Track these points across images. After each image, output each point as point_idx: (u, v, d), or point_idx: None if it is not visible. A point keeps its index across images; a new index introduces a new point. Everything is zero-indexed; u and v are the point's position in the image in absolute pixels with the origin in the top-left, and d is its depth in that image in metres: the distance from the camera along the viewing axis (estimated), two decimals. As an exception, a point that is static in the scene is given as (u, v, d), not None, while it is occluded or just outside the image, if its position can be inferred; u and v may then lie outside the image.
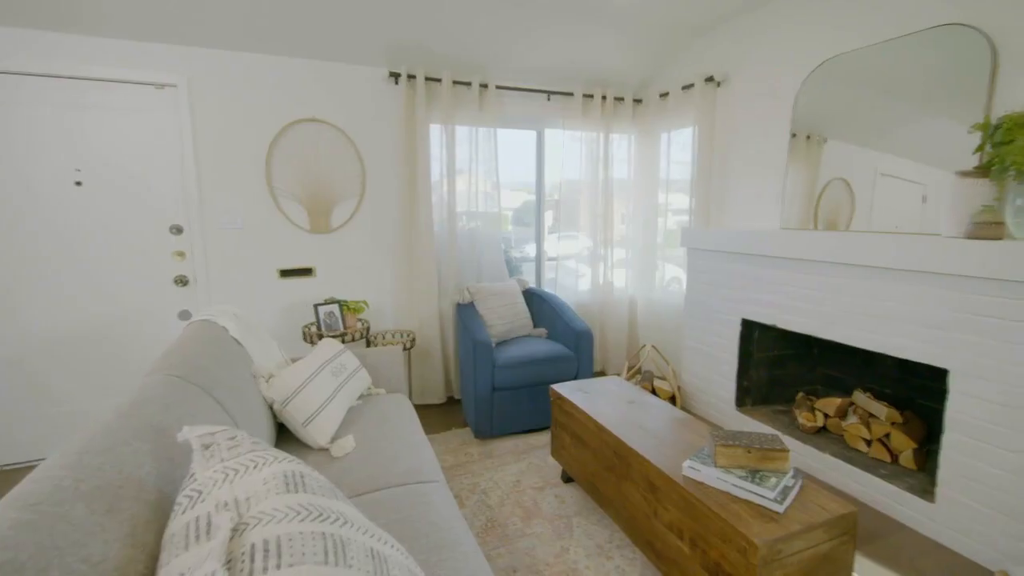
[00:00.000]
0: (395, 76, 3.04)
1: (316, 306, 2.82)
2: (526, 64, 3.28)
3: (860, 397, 2.40)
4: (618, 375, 3.64)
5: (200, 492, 0.83)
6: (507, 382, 2.67)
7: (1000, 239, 1.77)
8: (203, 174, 2.76)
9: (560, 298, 3.25)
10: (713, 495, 1.43)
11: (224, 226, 2.84)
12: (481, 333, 2.71)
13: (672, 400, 3.08)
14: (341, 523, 0.86)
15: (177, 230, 2.75)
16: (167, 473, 0.98)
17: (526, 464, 2.44)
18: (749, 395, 2.80)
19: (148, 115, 2.64)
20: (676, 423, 1.91)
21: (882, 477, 2.09)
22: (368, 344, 2.97)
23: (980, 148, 1.87)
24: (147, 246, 2.71)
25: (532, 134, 3.71)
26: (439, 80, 3.09)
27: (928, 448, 2.17)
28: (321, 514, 0.86)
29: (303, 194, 2.97)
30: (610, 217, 3.70)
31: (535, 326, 3.24)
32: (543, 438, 2.72)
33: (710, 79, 3.13)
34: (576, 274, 3.85)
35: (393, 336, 3.07)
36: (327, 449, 1.76)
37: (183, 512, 0.81)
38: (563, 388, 2.28)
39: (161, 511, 0.89)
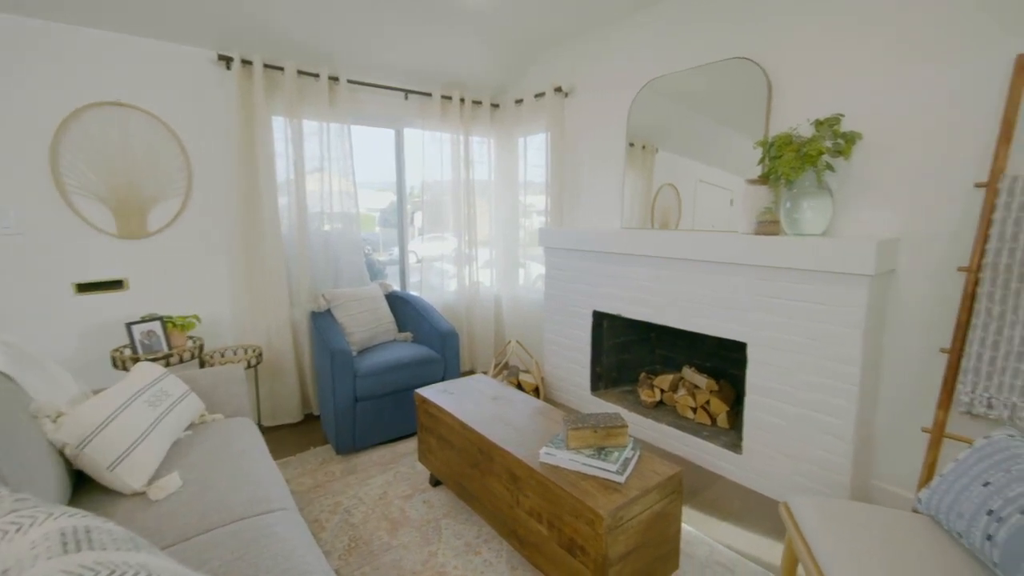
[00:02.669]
0: (226, 60, 2.70)
1: (129, 325, 2.38)
2: (382, 60, 3.17)
3: (687, 372, 2.78)
4: (485, 373, 3.71)
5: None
6: (370, 391, 2.55)
7: (777, 235, 2.19)
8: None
9: (425, 300, 3.21)
10: (566, 476, 1.52)
11: (-15, 230, 2.24)
12: (339, 342, 2.55)
13: (536, 392, 3.23)
14: (138, 579, 0.72)
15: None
16: None
17: (393, 474, 2.35)
18: (602, 380, 3.07)
19: None
20: (537, 414, 2.01)
21: (704, 438, 2.45)
22: (202, 365, 2.59)
23: (761, 160, 2.28)
24: None
25: (391, 133, 3.60)
26: (281, 69, 2.83)
27: (737, 409, 2.59)
28: (113, 572, 0.72)
29: (107, 192, 2.49)
30: (474, 218, 3.76)
31: (400, 330, 3.15)
32: (411, 444, 2.65)
33: (559, 89, 3.35)
34: (444, 275, 3.84)
35: (235, 353, 2.72)
36: (144, 493, 1.49)
37: None
38: (428, 391, 2.24)
39: None
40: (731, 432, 2.50)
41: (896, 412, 2.02)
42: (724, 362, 2.78)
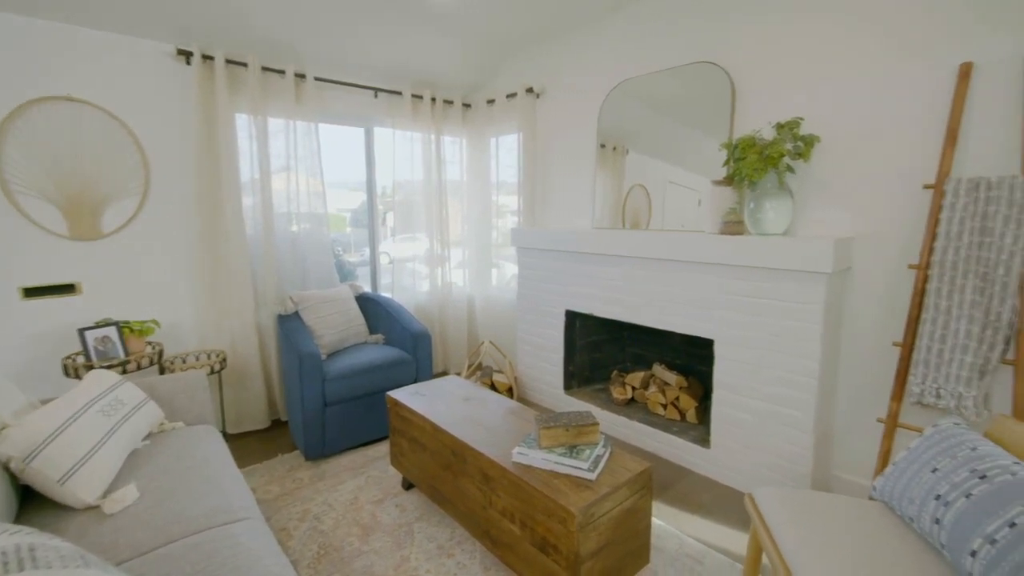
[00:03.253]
0: (186, 55, 2.61)
1: (82, 331, 2.27)
2: (350, 58, 3.11)
3: (658, 369, 2.83)
4: (459, 374, 3.69)
5: None
6: (340, 395, 2.50)
7: (741, 234, 2.25)
8: None
9: (396, 301, 3.17)
10: (538, 475, 1.53)
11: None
12: (308, 345, 2.49)
13: (510, 392, 3.24)
14: (84, 598, 0.69)
15: None
16: None
17: (364, 479, 2.31)
18: (575, 378, 3.10)
19: None
20: (510, 414, 2.01)
21: (674, 433, 2.50)
22: (162, 371, 2.49)
23: (726, 162, 2.34)
24: None
25: (360, 131, 3.54)
26: (244, 64, 2.74)
27: (706, 405, 2.65)
28: (58, 592, 0.69)
29: (56, 191, 2.36)
30: (447, 218, 3.73)
31: (371, 332, 3.10)
32: (383, 448, 2.62)
33: (530, 90, 3.36)
34: (416, 276, 3.80)
35: (197, 358, 2.63)
36: (98, 507, 1.42)
37: None
38: (400, 393, 2.21)
39: None
40: (700, 427, 2.56)
41: (853, 404, 2.10)
42: (693, 359, 2.85)
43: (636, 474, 1.54)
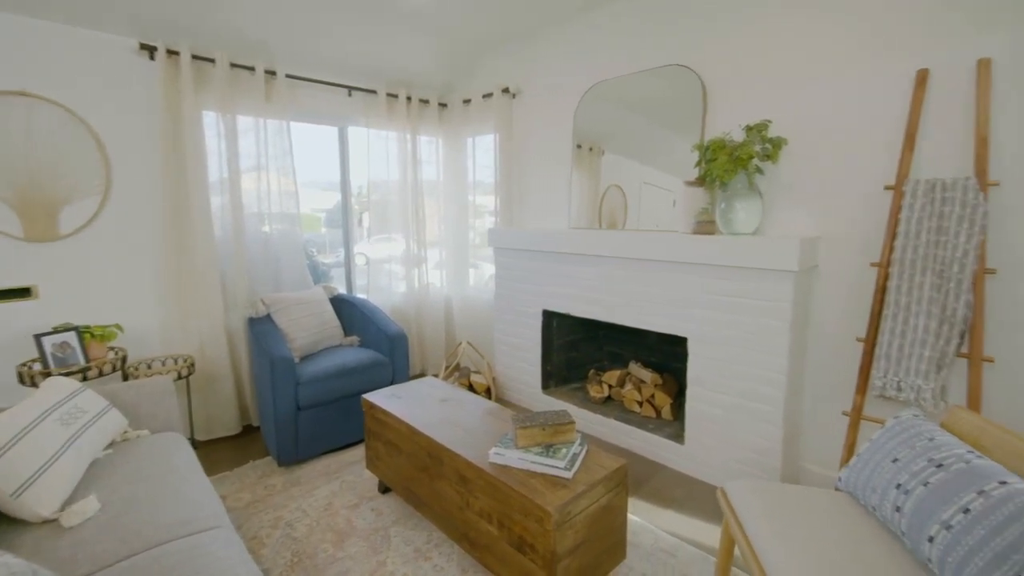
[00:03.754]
0: (149, 50, 2.52)
1: (38, 337, 2.17)
2: (323, 55, 3.06)
3: (634, 367, 2.87)
4: (436, 375, 3.67)
5: None
6: (314, 399, 2.45)
7: (713, 234, 2.30)
8: None
9: (372, 303, 3.13)
10: (515, 475, 1.53)
11: None
12: (280, 348, 2.43)
13: (488, 392, 3.23)
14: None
15: None
16: None
17: (339, 484, 2.28)
18: (552, 378, 3.11)
19: None
20: (487, 415, 2.00)
21: (650, 430, 2.53)
22: (126, 378, 2.40)
23: (698, 163, 2.39)
24: None
25: (334, 130, 3.49)
26: (212, 60, 2.67)
27: (680, 401, 2.70)
28: (7, 611, 0.66)
29: (9, 190, 2.25)
30: (423, 218, 3.70)
31: (346, 334, 3.05)
32: (359, 452, 2.58)
33: (506, 90, 3.36)
34: (393, 277, 3.75)
35: (163, 364, 2.54)
36: (56, 520, 1.36)
37: None
38: (375, 396, 2.19)
39: None
40: (675, 423, 2.60)
41: (820, 398, 2.17)
42: (667, 357, 2.89)
43: (612, 471, 1.55)
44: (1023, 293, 1.72)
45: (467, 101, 3.61)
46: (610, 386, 2.90)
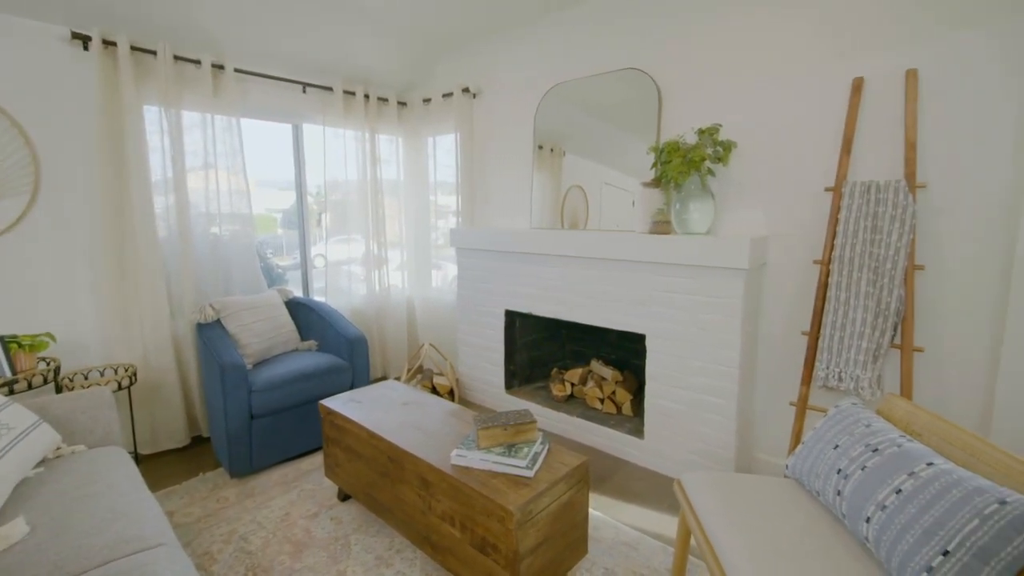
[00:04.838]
0: (83, 39, 2.36)
1: (-43, 347, 1.99)
2: (275, 49, 2.95)
3: (595, 365, 2.91)
4: (398, 378, 3.61)
5: None
6: (268, 406, 2.36)
7: (669, 234, 2.36)
8: None
9: (330, 306, 3.04)
10: (477, 476, 1.52)
11: None
12: (230, 355, 2.33)
13: (451, 394, 3.20)
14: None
15: None
16: None
17: (297, 493, 2.20)
18: (516, 377, 3.12)
19: None
20: (450, 416, 1.98)
21: (611, 426, 2.58)
22: (59, 389, 2.24)
23: (654, 165, 2.45)
24: None
25: (288, 128, 3.37)
26: (153, 52, 2.53)
27: (640, 397, 2.76)
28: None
29: (-80, 188, 2.06)
30: (384, 219, 3.63)
31: (303, 339, 2.96)
32: (317, 459, 2.50)
33: (467, 90, 3.34)
34: (353, 279, 3.66)
35: (101, 374, 2.39)
36: (-24, 546, 1.25)
37: None
38: (333, 402, 2.13)
39: None
40: (635, 419, 2.66)
41: (770, 390, 2.27)
42: (627, 353, 2.95)
43: (573, 468, 1.57)
44: (949, 287, 1.85)
45: (427, 100, 3.57)
46: (572, 384, 2.94)
